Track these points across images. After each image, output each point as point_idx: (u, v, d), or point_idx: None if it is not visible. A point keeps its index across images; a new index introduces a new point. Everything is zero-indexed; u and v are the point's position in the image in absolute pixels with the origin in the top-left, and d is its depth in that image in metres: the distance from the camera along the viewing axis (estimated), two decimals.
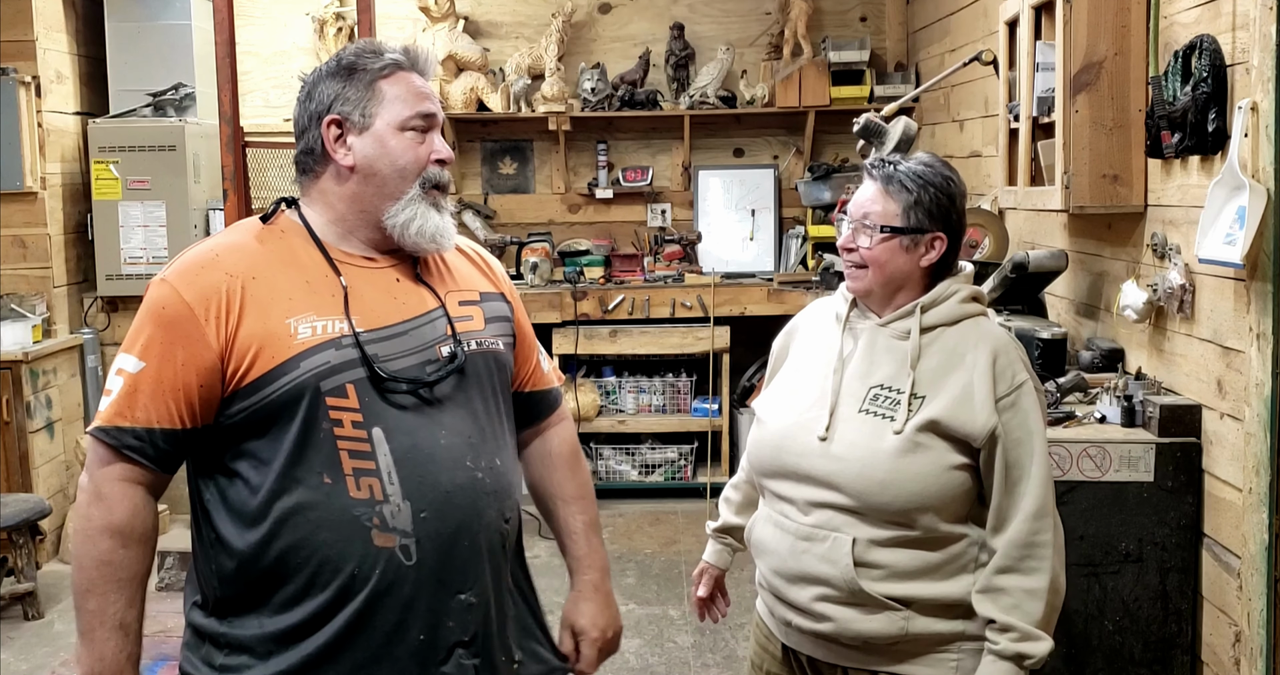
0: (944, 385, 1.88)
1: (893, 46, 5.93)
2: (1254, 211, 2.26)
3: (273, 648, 1.61)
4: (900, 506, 1.84)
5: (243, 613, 1.63)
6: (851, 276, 1.98)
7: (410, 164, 1.68)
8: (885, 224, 1.93)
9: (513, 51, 5.85)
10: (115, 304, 5.52)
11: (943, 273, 1.98)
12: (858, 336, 1.99)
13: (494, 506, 1.70)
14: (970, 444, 1.85)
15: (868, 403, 1.91)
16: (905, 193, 1.93)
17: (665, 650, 3.95)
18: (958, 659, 1.88)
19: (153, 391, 1.58)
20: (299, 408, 1.59)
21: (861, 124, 3.73)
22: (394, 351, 1.65)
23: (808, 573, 1.90)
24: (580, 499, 1.96)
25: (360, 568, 1.60)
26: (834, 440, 1.90)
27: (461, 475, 1.66)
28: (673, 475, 5.59)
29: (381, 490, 1.60)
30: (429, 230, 1.69)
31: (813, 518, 1.91)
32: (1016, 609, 1.82)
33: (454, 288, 1.78)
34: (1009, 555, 1.84)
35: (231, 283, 1.61)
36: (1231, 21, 2.46)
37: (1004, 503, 1.86)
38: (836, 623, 1.88)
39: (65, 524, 4.97)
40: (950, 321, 1.94)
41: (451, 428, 1.67)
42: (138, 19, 5.40)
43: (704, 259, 5.86)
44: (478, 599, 1.68)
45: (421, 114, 1.69)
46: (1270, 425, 2.31)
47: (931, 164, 1.97)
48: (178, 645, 3.68)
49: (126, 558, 1.58)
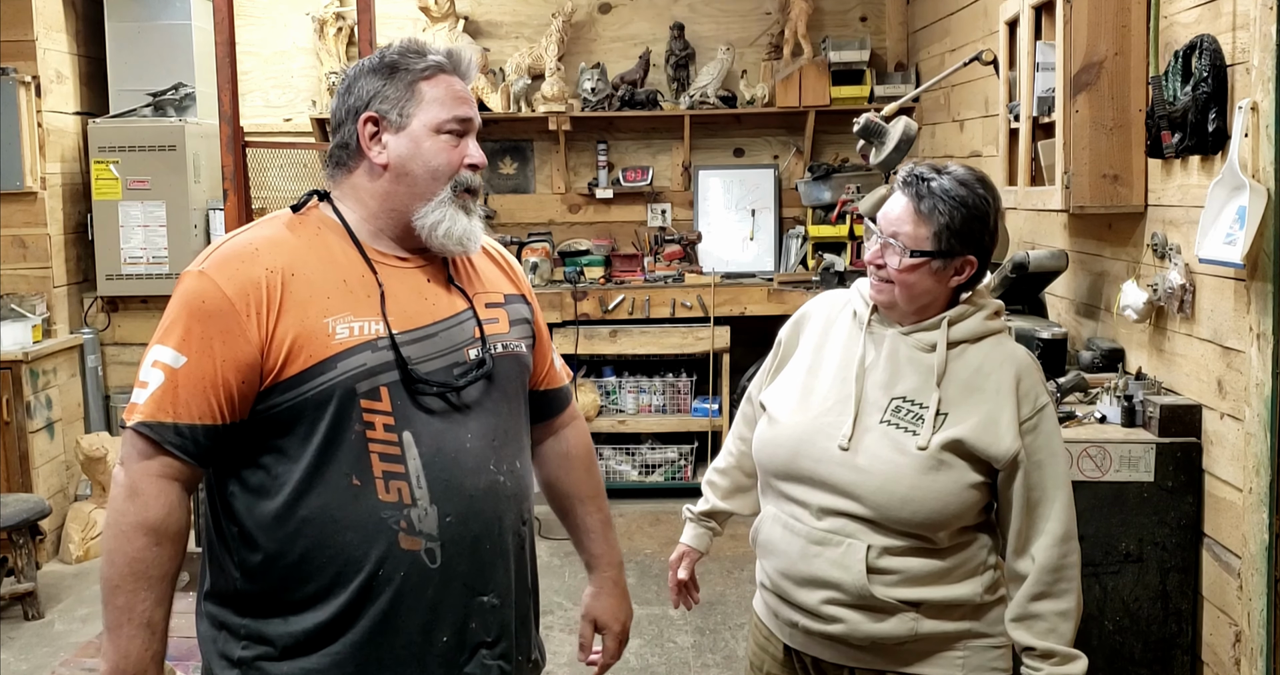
0: (969, 405, 1.86)
1: (893, 46, 5.93)
2: (1254, 211, 2.26)
3: (298, 646, 1.61)
4: (920, 521, 1.84)
5: (266, 608, 1.63)
6: (877, 290, 1.93)
7: (443, 166, 1.68)
8: (916, 248, 1.86)
9: (513, 51, 5.85)
10: (115, 304, 5.52)
11: (967, 287, 1.95)
12: (879, 343, 1.95)
13: (514, 509, 1.73)
14: (992, 465, 1.85)
15: (889, 414, 1.89)
16: (938, 215, 1.86)
17: (665, 650, 3.95)
18: (964, 656, 1.89)
19: (194, 386, 1.56)
20: (330, 408, 1.58)
21: (862, 124, 3.73)
22: (425, 353, 1.65)
23: (818, 576, 1.89)
24: (596, 497, 2.01)
25: (384, 569, 1.60)
26: (857, 451, 1.88)
27: (485, 479, 1.67)
28: (673, 475, 5.60)
29: (410, 494, 1.61)
30: (457, 233, 1.69)
31: (826, 523, 1.89)
32: (1052, 633, 1.83)
33: (481, 290, 1.79)
34: (1041, 581, 1.84)
35: (271, 278, 1.60)
36: (1232, 21, 2.46)
37: (1024, 525, 1.86)
38: (847, 624, 1.88)
39: (65, 524, 4.97)
40: (973, 338, 1.92)
41: (476, 431, 1.68)
42: (138, 19, 5.40)
43: (704, 259, 5.86)
44: (500, 600, 1.71)
45: (459, 118, 1.69)
46: (1270, 425, 2.31)
47: (967, 182, 1.89)
48: (178, 645, 3.66)
49: (159, 556, 1.56)
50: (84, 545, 4.92)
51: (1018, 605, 1.86)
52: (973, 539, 1.89)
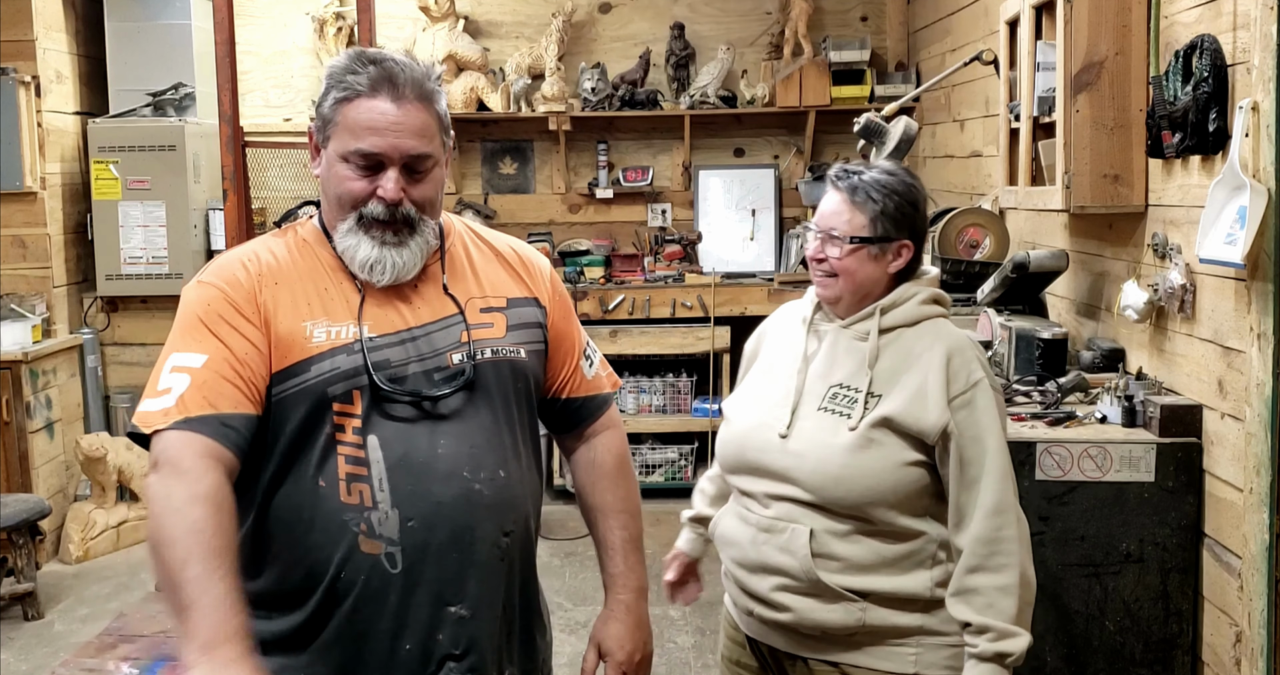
0: (899, 384, 1.92)
1: (893, 46, 5.93)
2: (1255, 211, 2.26)
3: (277, 643, 1.62)
4: (855, 500, 1.89)
5: (252, 605, 1.61)
6: (822, 285, 2.03)
7: (344, 195, 1.64)
8: (854, 235, 1.98)
9: (513, 51, 5.85)
10: (115, 304, 5.52)
11: (905, 277, 2.03)
12: (821, 338, 2.05)
13: (491, 519, 1.66)
14: (924, 441, 1.89)
15: (827, 401, 1.97)
16: (871, 203, 1.98)
17: (665, 650, 3.95)
18: (916, 653, 1.92)
19: (221, 379, 1.56)
20: (303, 409, 1.60)
21: (862, 124, 3.73)
22: (405, 357, 1.64)
23: (767, 563, 1.94)
24: (621, 513, 1.89)
25: (346, 572, 1.60)
26: (792, 437, 1.96)
27: (456, 486, 1.63)
28: (673, 475, 5.60)
29: (371, 497, 1.59)
30: (359, 260, 1.64)
31: (773, 510, 1.96)
32: (990, 608, 1.84)
33: (478, 294, 1.75)
34: (975, 553, 1.86)
35: (261, 283, 1.64)
36: (1232, 21, 2.45)
37: (962, 500, 1.89)
38: (795, 612, 1.93)
39: (65, 524, 4.97)
40: (909, 323, 1.99)
41: (454, 437, 1.65)
42: (138, 19, 5.40)
43: (704, 259, 5.85)
44: (470, 612, 1.65)
45: (360, 152, 1.61)
46: (1271, 425, 2.31)
47: (894, 172, 2.02)
48: (178, 645, 3.66)
49: (220, 524, 1.48)
50: (84, 545, 4.92)
51: (955, 580, 1.87)
52: (920, 529, 1.92)
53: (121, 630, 3.72)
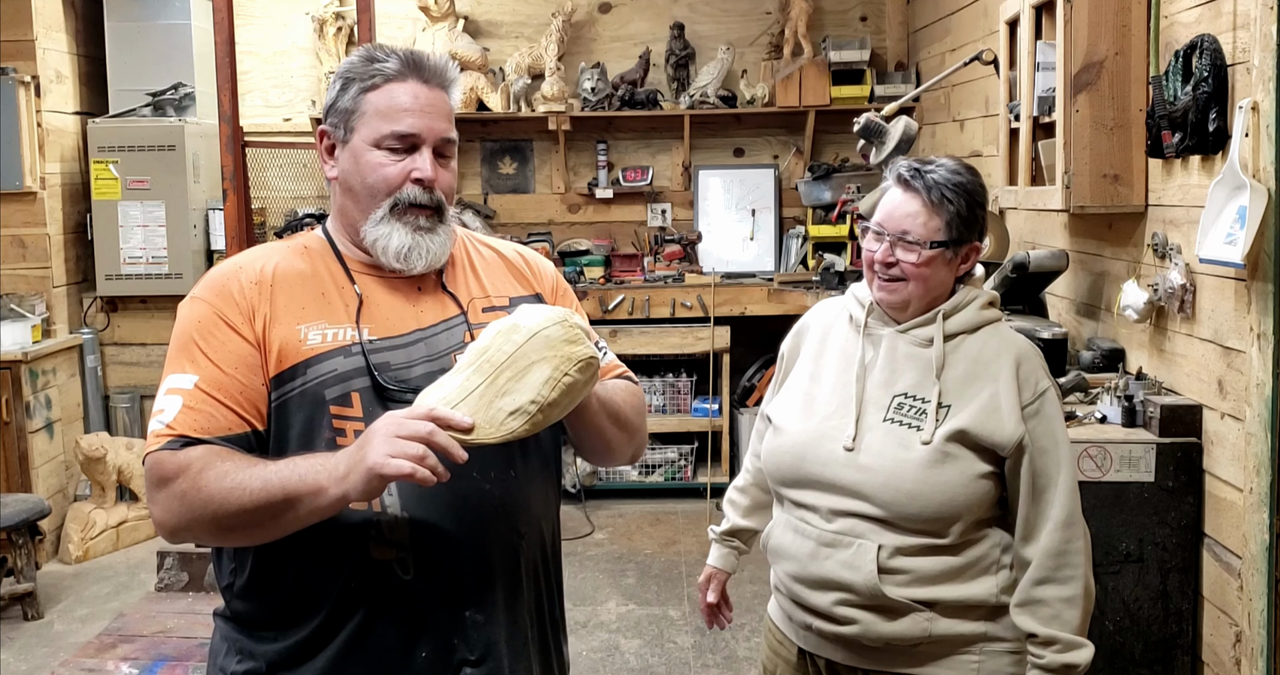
0: (970, 394, 1.87)
1: (893, 46, 5.93)
2: (1255, 211, 2.26)
3: (284, 661, 1.60)
4: (929, 516, 1.84)
5: (260, 621, 1.62)
6: (887, 290, 1.93)
7: (379, 183, 1.63)
8: (933, 239, 1.89)
9: (513, 51, 5.85)
10: (115, 304, 5.52)
11: (964, 278, 1.97)
12: (877, 343, 1.96)
13: (504, 520, 1.65)
14: (998, 453, 1.85)
15: (892, 412, 1.89)
16: (947, 204, 1.89)
17: (665, 650, 3.95)
18: (979, 660, 1.88)
19: (214, 399, 1.55)
20: (302, 413, 1.58)
21: (862, 124, 3.73)
22: (407, 360, 1.63)
23: (829, 578, 1.89)
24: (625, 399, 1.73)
25: (358, 580, 1.58)
26: (860, 450, 1.88)
27: (465, 487, 1.60)
28: (673, 475, 5.58)
29: (380, 501, 1.57)
30: (393, 249, 1.64)
31: (836, 525, 1.90)
32: (1056, 619, 1.82)
33: (481, 295, 1.75)
34: (1044, 566, 1.83)
35: (255, 288, 1.62)
36: (1232, 21, 2.45)
37: (1031, 512, 1.85)
38: (861, 625, 1.87)
39: (65, 524, 4.97)
40: (970, 328, 1.93)
41: None
42: (137, 19, 5.40)
43: (704, 259, 5.85)
44: (485, 617, 1.63)
45: (397, 134, 1.62)
46: (1271, 425, 2.31)
47: (960, 171, 1.92)
48: (178, 645, 3.66)
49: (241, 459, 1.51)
50: (83, 545, 4.92)
51: (1021, 591, 1.85)
52: (984, 535, 1.88)
53: (121, 630, 3.72)
